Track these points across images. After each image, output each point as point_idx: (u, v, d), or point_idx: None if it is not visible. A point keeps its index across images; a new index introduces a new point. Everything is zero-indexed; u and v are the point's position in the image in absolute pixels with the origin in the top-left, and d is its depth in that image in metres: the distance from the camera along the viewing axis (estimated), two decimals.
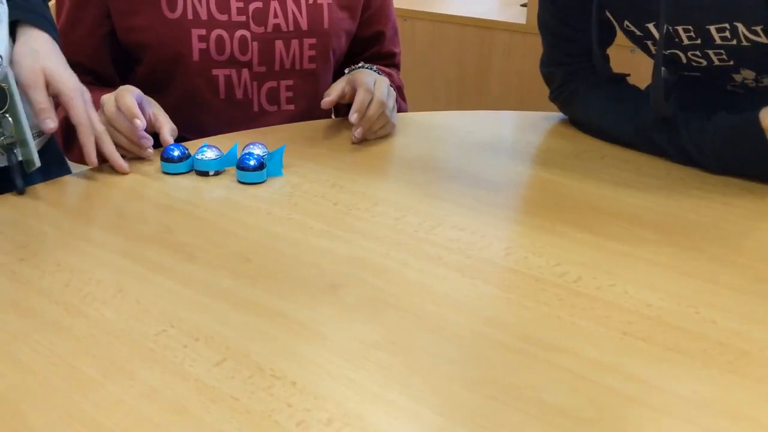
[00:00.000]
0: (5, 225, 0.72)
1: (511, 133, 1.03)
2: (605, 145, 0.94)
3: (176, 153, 0.84)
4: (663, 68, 0.86)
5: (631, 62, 1.09)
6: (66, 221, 0.74)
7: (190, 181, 0.83)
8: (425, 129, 1.03)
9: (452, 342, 0.55)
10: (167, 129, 0.88)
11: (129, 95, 0.85)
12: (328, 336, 0.56)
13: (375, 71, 0.98)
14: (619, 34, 0.96)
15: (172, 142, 0.87)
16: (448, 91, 2.01)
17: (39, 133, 0.88)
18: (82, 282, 0.62)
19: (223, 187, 0.81)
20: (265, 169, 0.82)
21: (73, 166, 1.04)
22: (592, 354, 0.54)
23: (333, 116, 1.08)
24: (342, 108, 1.02)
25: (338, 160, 0.89)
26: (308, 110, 1.05)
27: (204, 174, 0.84)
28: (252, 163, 0.82)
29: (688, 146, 0.86)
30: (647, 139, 0.90)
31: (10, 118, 0.84)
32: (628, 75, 0.97)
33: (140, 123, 0.83)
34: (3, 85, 0.85)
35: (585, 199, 0.79)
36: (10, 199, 0.79)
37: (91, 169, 0.86)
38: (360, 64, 1.01)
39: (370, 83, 0.92)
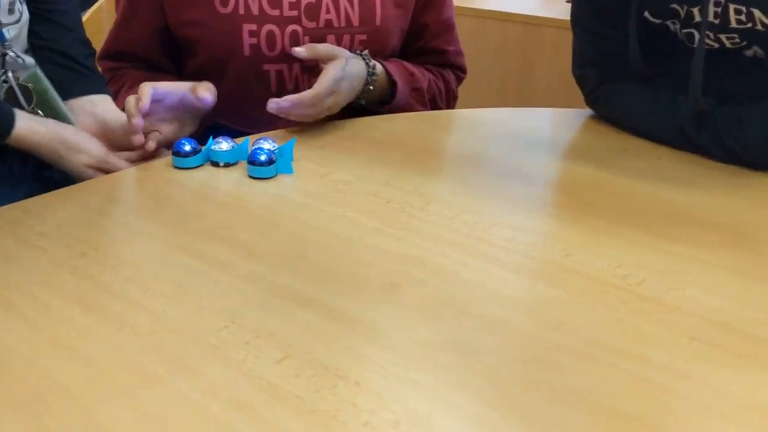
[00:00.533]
0: (65, 219, 0.73)
1: (563, 130, 1.02)
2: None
3: (187, 147, 0.84)
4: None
5: None
6: (124, 216, 0.75)
7: (240, 176, 0.83)
8: (474, 126, 1.02)
9: (517, 345, 0.54)
10: (203, 86, 0.90)
11: (142, 92, 0.85)
12: (390, 336, 0.55)
13: (363, 61, 0.97)
14: None
15: (209, 97, 0.88)
16: (489, 88, 1.99)
17: None
18: (143, 277, 0.63)
19: (275, 185, 0.81)
20: (274, 165, 0.82)
21: None
22: (660, 359, 0.53)
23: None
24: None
25: (388, 157, 0.89)
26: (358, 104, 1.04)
27: (215, 164, 0.85)
28: (262, 158, 0.82)
29: (728, 143, 0.84)
30: (689, 141, 0.88)
31: (40, 112, 0.87)
32: (662, 72, 0.93)
33: (136, 122, 0.84)
34: (28, 85, 0.88)
35: (644, 199, 0.78)
36: (67, 193, 0.80)
37: (144, 164, 0.86)
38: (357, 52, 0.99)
39: (333, 76, 0.92)
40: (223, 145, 0.85)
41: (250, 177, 0.82)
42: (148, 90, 0.84)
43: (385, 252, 0.67)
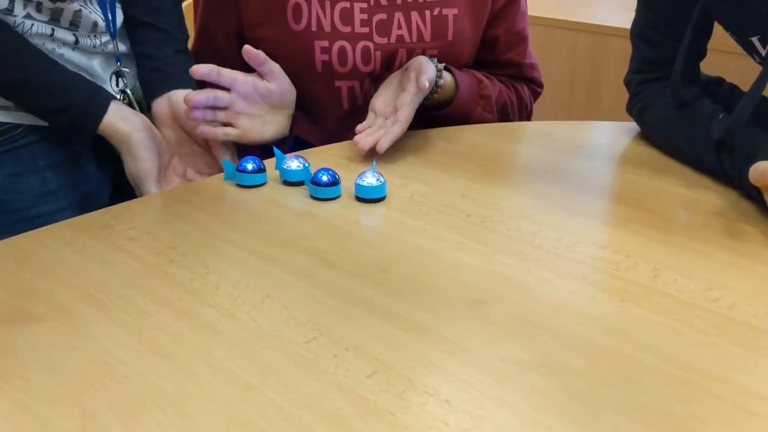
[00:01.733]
0: (154, 226, 0.75)
1: (639, 145, 1.00)
2: None
3: (250, 166, 0.82)
4: None
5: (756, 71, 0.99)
6: (209, 224, 0.77)
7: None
8: (548, 139, 1.01)
9: (607, 367, 0.54)
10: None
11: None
12: (477, 354, 0.55)
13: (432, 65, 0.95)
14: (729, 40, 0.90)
15: (203, 71, 0.86)
16: (557, 98, 1.97)
17: None
18: (231, 285, 0.64)
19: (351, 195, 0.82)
20: (339, 185, 0.81)
21: None
22: (756, 387, 0.51)
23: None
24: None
25: (465, 169, 0.89)
26: (424, 116, 1.04)
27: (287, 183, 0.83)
28: (325, 178, 0.80)
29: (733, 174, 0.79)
30: (714, 166, 0.83)
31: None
32: (702, 96, 0.89)
33: (194, 116, 0.85)
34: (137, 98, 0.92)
35: (732, 218, 0.76)
36: (153, 200, 0.82)
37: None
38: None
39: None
40: (293, 163, 0.83)
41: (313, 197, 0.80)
42: (210, 66, 0.86)
43: (468, 267, 0.67)
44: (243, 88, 0.89)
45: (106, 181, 0.98)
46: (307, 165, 0.83)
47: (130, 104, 0.93)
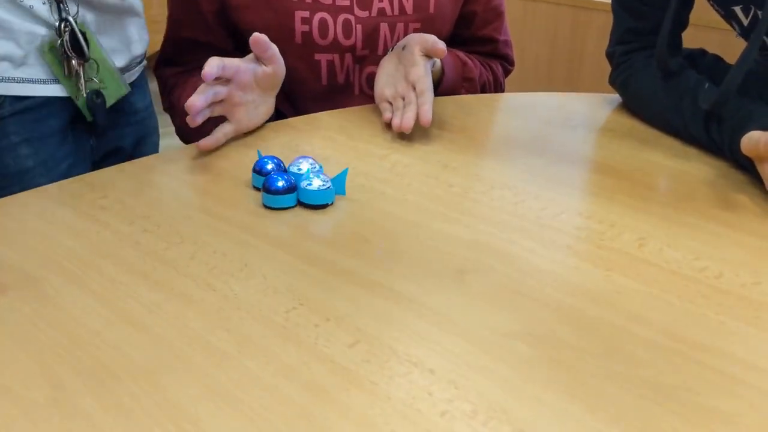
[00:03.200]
0: (126, 195, 0.73)
1: (623, 116, 0.99)
2: None
3: (281, 183, 0.70)
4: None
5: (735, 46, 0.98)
6: (184, 193, 0.74)
7: None
8: (528, 110, 1.00)
9: (594, 336, 0.53)
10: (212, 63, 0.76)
11: (210, 63, 0.76)
12: (461, 324, 0.54)
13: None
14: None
15: (213, 72, 0.74)
16: (537, 71, 1.96)
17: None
18: (207, 255, 0.62)
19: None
20: (295, 194, 0.70)
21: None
22: (746, 356, 0.51)
23: None
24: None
25: (446, 139, 0.87)
26: None
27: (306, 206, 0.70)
28: (279, 183, 0.69)
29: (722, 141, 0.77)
30: (701, 136, 0.82)
31: (93, 58, 0.89)
32: (687, 67, 0.87)
33: (197, 119, 0.76)
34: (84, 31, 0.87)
35: (717, 189, 0.75)
36: (126, 168, 0.80)
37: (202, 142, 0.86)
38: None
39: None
40: (315, 182, 0.70)
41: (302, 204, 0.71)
42: (216, 61, 0.76)
43: (451, 237, 0.66)
44: (244, 78, 0.81)
45: (87, 157, 0.95)
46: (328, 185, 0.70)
47: (72, 34, 0.86)
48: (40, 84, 0.88)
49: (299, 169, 0.73)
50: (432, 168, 0.80)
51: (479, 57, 1.06)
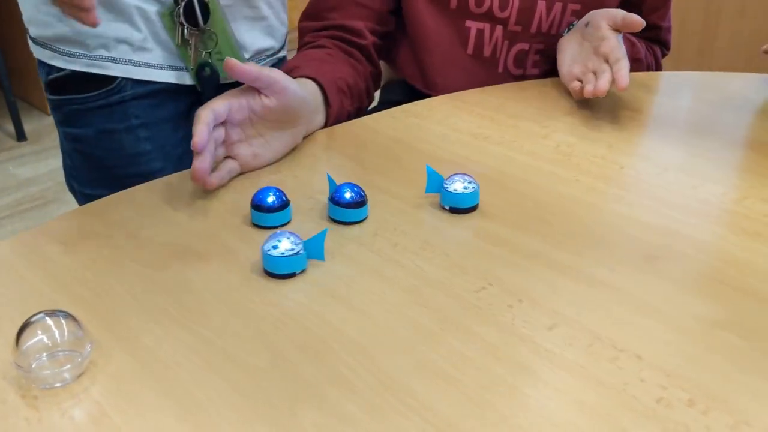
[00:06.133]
0: (298, 169, 0.74)
1: None
2: None
3: (271, 199, 0.63)
4: None
5: None
6: (360, 170, 0.76)
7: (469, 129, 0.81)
8: (688, 89, 0.96)
9: None
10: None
11: (199, 120, 0.67)
12: (663, 311, 0.53)
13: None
14: None
15: (203, 141, 0.64)
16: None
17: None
18: (389, 232, 0.63)
19: (497, 141, 0.79)
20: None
21: None
22: None
23: None
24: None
25: (607, 119, 0.85)
26: (549, 75, 1.00)
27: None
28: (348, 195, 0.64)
29: None
30: None
31: (214, 31, 0.87)
32: None
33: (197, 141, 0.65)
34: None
35: None
36: None
37: None
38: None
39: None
40: (284, 243, 0.57)
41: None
42: (205, 117, 0.66)
43: (633, 221, 0.64)
44: (238, 116, 0.71)
45: None
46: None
47: (189, 3, 0.84)
48: (157, 69, 0.88)
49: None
50: (598, 148, 0.78)
51: (644, 40, 1.03)
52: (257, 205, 0.64)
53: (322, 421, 0.43)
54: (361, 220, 0.64)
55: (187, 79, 0.91)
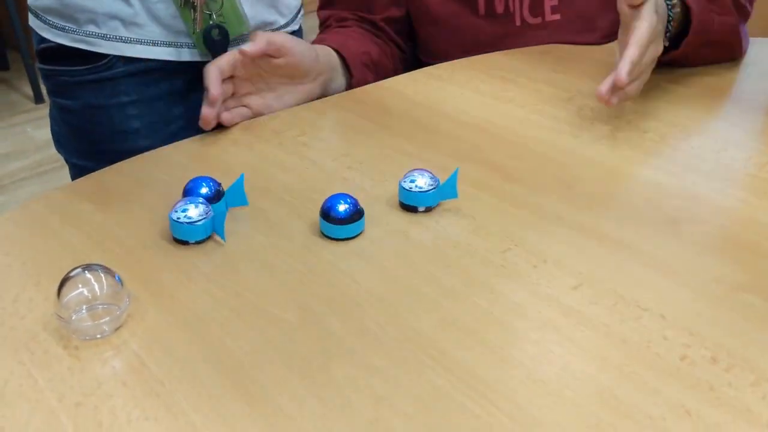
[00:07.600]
0: (323, 132, 0.75)
1: None
2: None
3: (204, 190, 0.60)
4: None
5: None
6: (375, 131, 0.76)
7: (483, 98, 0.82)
8: None
9: None
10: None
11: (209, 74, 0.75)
12: (685, 274, 0.53)
13: None
14: None
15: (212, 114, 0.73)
16: None
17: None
18: None
19: (518, 103, 0.80)
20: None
21: None
22: None
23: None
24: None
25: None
26: (578, 17, 0.95)
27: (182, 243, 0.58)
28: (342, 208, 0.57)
29: None
30: None
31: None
32: None
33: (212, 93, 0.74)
34: None
35: None
36: (314, 106, 0.82)
37: None
38: None
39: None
40: (191, 210, 0.57)
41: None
42: (213, 73, 0.74)
43: (657, 185, 0.65)
44: (246, 72, 0.78)
45: (192, 123, 0.87)
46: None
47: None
48: (149, 45, 0.84)
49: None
50: (621, 113, 0.78)
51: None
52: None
53: (353, 373, 0.45)
54: (357, 235, 0.58)
55: (184, 56, 0.85)
